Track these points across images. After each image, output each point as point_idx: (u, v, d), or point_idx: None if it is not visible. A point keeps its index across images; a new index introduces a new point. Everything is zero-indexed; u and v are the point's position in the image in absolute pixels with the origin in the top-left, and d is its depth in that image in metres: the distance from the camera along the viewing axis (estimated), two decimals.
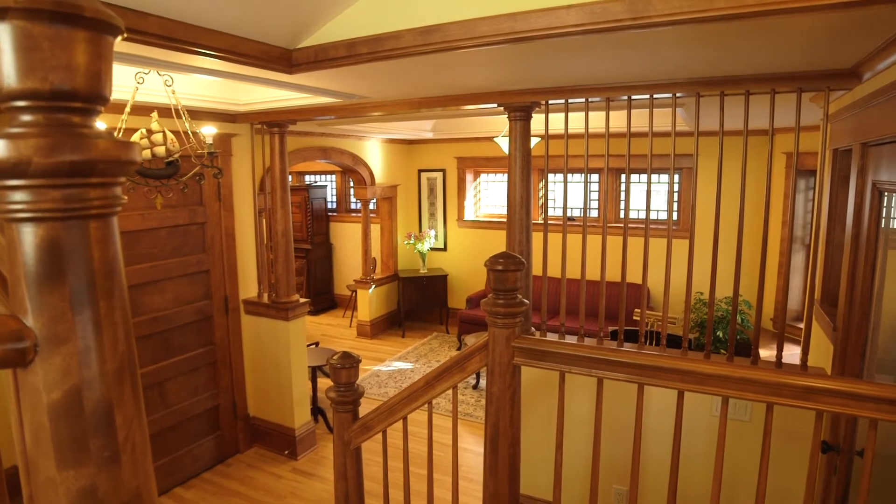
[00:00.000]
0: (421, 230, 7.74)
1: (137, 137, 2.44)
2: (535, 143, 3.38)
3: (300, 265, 7.95)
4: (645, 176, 6.17)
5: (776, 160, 5.57)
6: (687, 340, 2.70)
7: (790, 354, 3.96)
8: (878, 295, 2.00)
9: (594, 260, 3.76)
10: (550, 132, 2.99)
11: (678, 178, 6.14)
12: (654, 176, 6.33)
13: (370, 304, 7.03)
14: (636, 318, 4.77)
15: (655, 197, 6.41)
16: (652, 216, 5.73)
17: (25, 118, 0.55)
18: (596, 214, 6.60)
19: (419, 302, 7.17)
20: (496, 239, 7.12)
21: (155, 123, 2.49)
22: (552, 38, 1.74)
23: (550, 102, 2.92)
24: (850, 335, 2.13)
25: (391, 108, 3.42)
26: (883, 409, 1.36)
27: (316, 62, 2.18)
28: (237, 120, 3.96)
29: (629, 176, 2.66)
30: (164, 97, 2.60)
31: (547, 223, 3.13)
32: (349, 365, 2.26)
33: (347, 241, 8.46)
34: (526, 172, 3.05)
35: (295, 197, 8.02)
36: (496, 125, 5.71)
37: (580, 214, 6.34)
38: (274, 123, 3.96)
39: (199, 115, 3.61)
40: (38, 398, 0.58)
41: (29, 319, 0.57)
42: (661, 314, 3.05)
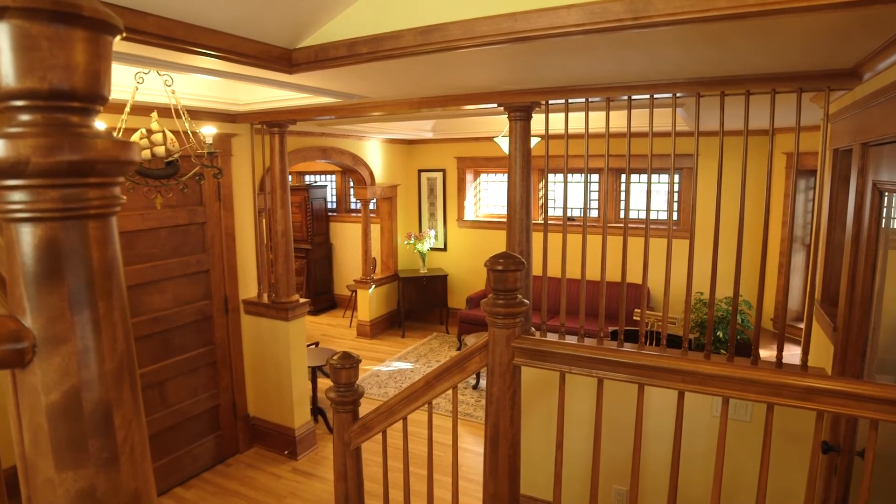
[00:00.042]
0: (421, 230, 7.74)
1: (137, 137, 2.44)
2: (535, 143, 3.38)
3: (300, 265, 7.95)
4: (645, 176, 6.17)
5: (776, 160, 5.57)
6: (687, 340, 2.70)
7: (790, 355, 3.96)
8: (878, 295, 1.99)
9: (594, 260, 3.77)
10: (550, 132, 2.98)
11: (678, 178, 6.14)
12: (654, 176, 6.33)
13: (370, 304, 7.03)
14: (636, 318, 4.77)
15: (655, 197, 6.41)
16: (652, 216, 5.73)
17: (24, 118, 0.55)
18: (596, 214, 6.59)
19: (419, 302, 7.16)
20: (496, 239, 7.12)
21: (155, 123, 2.49)
22: (552, 37, 1.74)
23: (550, 102, 2.92)
24: (850, 335, 2.13)
25: (391, 108, 3.42)
26: (884, 409, 1.36)
27: (316, 62, 2.18)
28: (237, 120, 3.95)
29: (629, 176, 2.66)
30: (163, 97, 2.60)
31: (547, 223, 3.13)
32: (349, 365, 2.26)
33: (347, 241, 8.46)
34: (526, 172, 3.05)
35: (295, 197, 8.02)
36: (496, 125, 5.70)
37: (580, 214, 6.33)
38: (274, 123, 3.96)
39: (198, 115, 3.61)
40: (36, 399, 0.57)
41: (27, 320, 0.57)
42: (661, 314, 3.05)
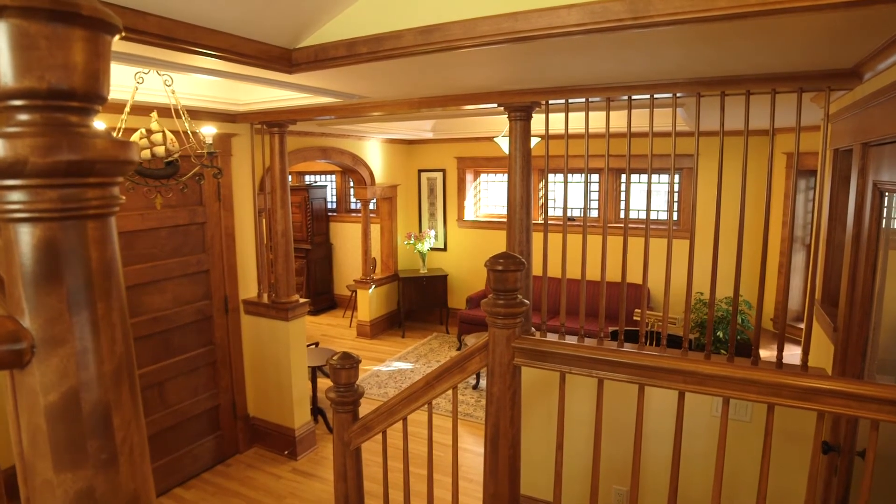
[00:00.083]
0: (421, 230, 7.74)
1: (137, 137, 2.44)
2: (535, 143, 3.37)
3: (300, 265, 7.94)
4: (645, 176, 6.16)
5: (776, 160, 5.57)
6: (687, 341, 2.70)
7: (791, 355, 3.96)
8: (878, 295, 1.99)
9: (594, 260, 3.77)
10: (551, 132, 2.98)
11: (678, 178, 6.13)
12: (654, 176, 6.33)
13: (370, 304, 7.03)
14: (636, 318, 4.77)
15: (656, 197, 6.41)
16: (652, 216, 5.73)
17: (22, 117, 0.55)
18: (596, 214, 6.59)
19: (419, 302, 7.16)
20: (496, 239, 7.11)
21: (154, 123, 2.49)
22: (553, 37, 1.73)
23: (551, 102, 2.91)
24: (850, 335, 2.13)
25: (391, 108, 3.42)
26: (884, 409, 1.36)
27: (316, 62, 2.18)
28: (237, 120, 3.95)
29: (629, 176, 2.66)
30: (163, 97, 2.60)
31: (547, 223, 3.13)
32: (349, 365, 2.26)
33: (347, 241, 8.45)
34: (526, 172, 3.05)
35: (295, 197, 8.02)
36: (496, 125, 5.70)
37: (580, 214, 6.33)
38: (274, 123, 3.95)
39: (198, 114, 3.61)
40: (35, 400, 0.57)
41: (26, 320, 0.57)
42: (661, 314, 3.05)
